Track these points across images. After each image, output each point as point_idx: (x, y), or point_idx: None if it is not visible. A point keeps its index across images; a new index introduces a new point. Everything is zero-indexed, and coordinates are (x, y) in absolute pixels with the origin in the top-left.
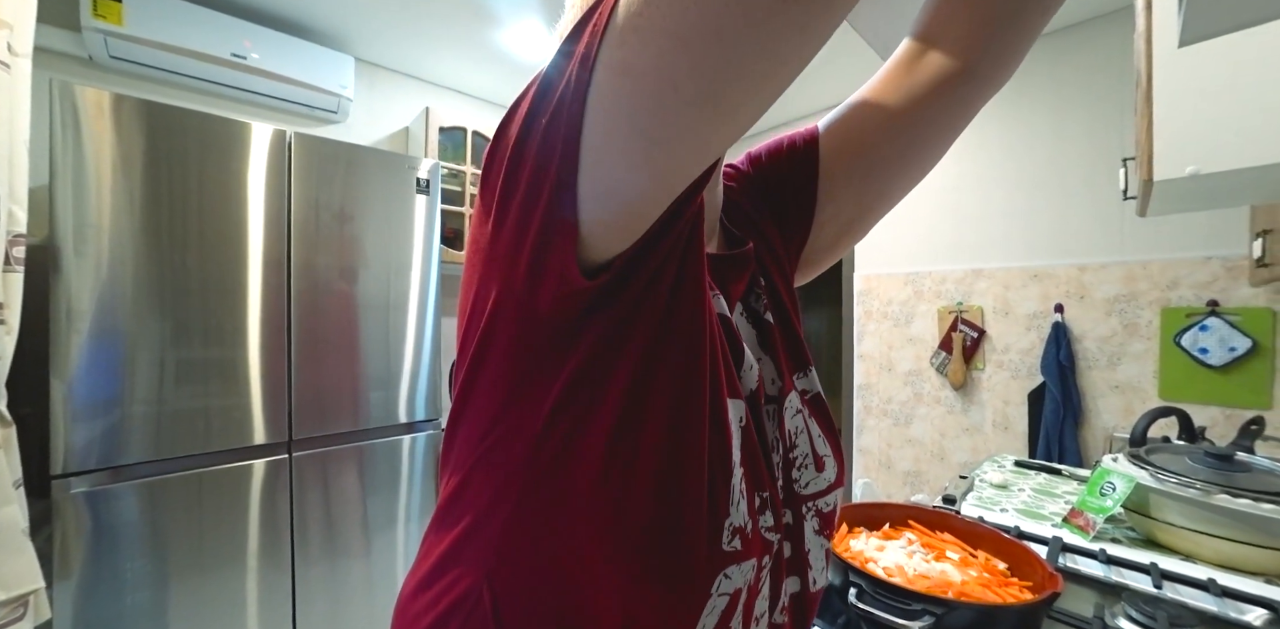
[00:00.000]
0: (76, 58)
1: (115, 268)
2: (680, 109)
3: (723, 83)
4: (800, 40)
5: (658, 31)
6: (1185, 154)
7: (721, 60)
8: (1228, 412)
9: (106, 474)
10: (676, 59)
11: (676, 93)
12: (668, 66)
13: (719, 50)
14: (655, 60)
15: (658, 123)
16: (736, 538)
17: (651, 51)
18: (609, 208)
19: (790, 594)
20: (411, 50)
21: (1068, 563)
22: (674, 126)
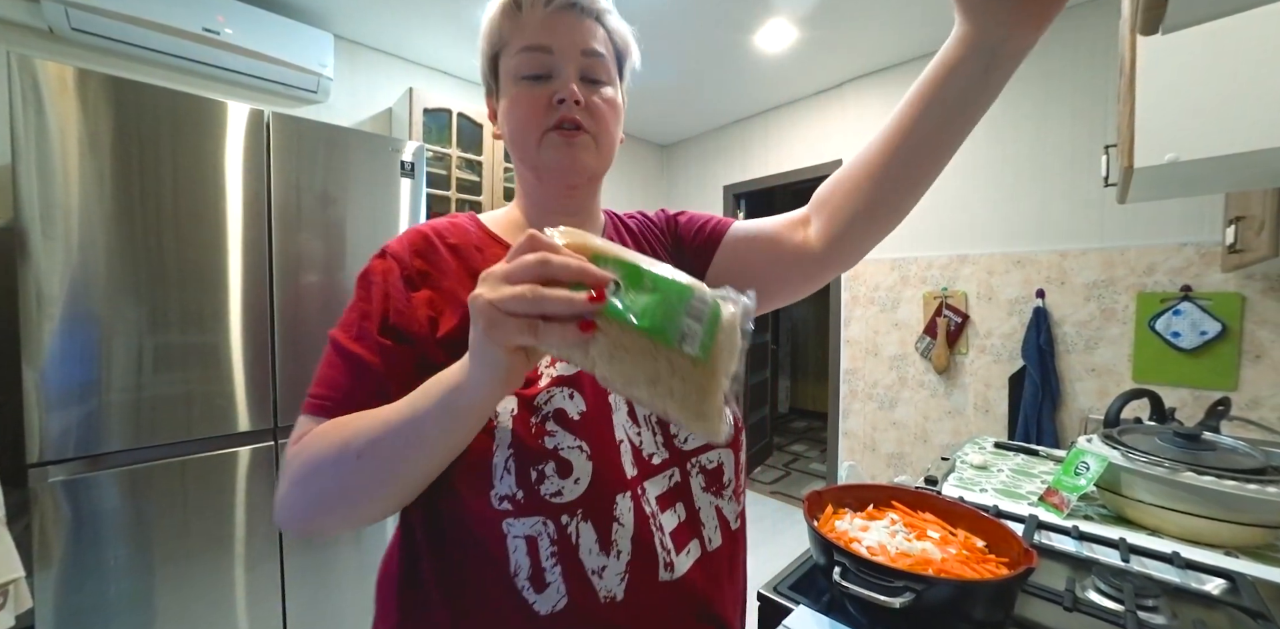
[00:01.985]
0: (35, 29)
1: (86, 251)
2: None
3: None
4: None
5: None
6: (1165, 141)
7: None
8: (1196, 393)
9: (85, 462)
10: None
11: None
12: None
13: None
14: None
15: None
16: (505, 502)
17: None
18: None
19: (694, 557)
20: (394, 28)
21: (1043, 540)
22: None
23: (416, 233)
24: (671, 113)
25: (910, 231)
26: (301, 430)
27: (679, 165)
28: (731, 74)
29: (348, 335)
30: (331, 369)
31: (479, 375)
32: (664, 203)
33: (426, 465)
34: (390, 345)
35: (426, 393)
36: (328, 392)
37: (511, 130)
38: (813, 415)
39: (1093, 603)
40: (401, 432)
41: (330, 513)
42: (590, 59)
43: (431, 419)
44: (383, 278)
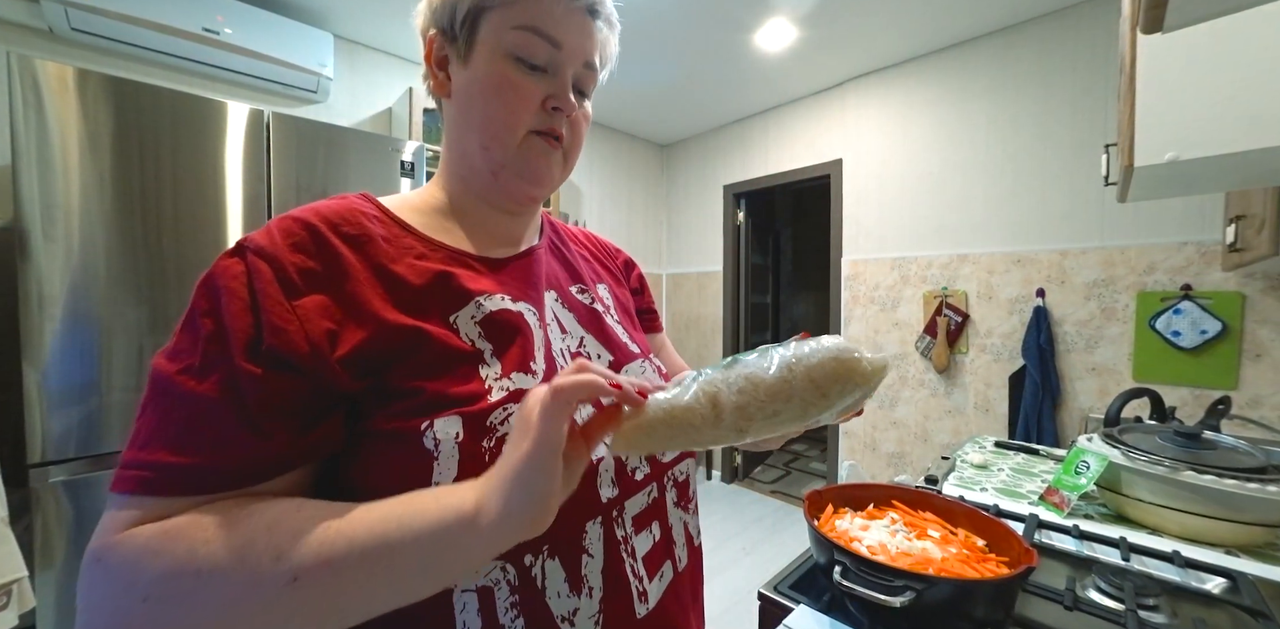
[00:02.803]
0: (35, 29)
1: (87, 252)
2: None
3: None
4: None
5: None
6: (1165, 140)
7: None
8: (1197, 392)
9: (86, 462)
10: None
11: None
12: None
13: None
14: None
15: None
16: None
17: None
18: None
19: (666, 581)
20: (394, 28)
21: (1043, 539)
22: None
23: (294, 221)
24: (671, 112)
25: (910, 231)
26: (123, 520)
27: (679, 165)
28: (731, 74)
29: (183, 367)
30: (169, 420)
31: (515, 506)
32: (664, 202)
33: (394, 606)
34: (261, 375)
35: (409, 520)
36: (179, 457)
37: (487, 115)
38: None
39: (1093, 602)
40: (371, 561)
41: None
42: (587, 71)
43: (415, 552)
44: (244, 283)
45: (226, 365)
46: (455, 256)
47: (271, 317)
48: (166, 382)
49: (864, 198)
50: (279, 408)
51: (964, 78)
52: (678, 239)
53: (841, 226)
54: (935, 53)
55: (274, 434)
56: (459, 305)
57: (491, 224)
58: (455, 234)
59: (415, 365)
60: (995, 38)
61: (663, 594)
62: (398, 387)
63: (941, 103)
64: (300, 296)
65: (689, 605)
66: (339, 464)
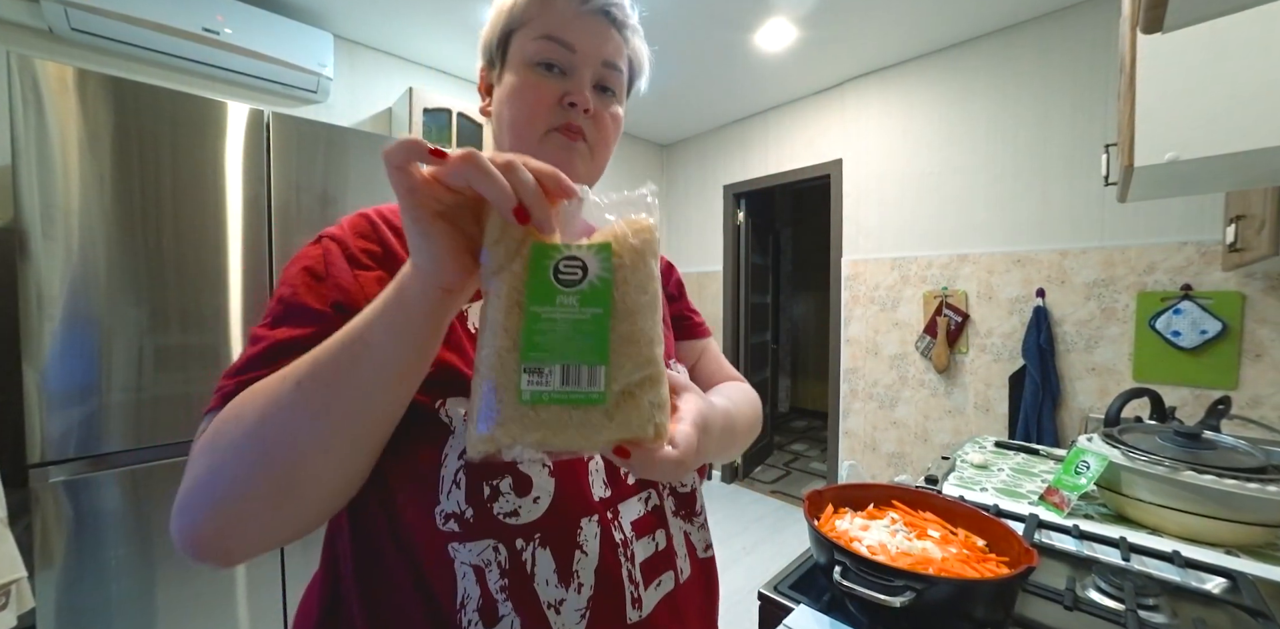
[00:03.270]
0: (35, 29)
1: (86, 252)
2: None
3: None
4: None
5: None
6: (1166, 140)
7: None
8: (1197, 392)
9: (86, 463)
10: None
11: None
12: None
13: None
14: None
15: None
16: (451, 521)
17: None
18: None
19: (664, 591)
20: (394, 28)
21: (1043, 539)
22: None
23: (358, 216)
24: (671, 113)
25: (910, 231)
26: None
27: (679, 165)
28: (731, 74)
29: (263, 323)
30: (244, 356)
31: (416, 249)
32: (664, 202)
33: (382, 391)
34: (330, 315)
35: (368, 306)
36: (250, 375)
37: (513, 116)
38: (813, 415)
39: (1093, 602)
40: (347, 346)
41: (266, 485)
42: (608, 70)
43: (384, 321)
44: (319, 260)
45: (294, 313)
46: None
47: (340, 280)
48: (251, 334)
49: (864, 198)
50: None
51: (964, 78)
52: (678, 239)
53: (841, 226)
54: (935, 53)
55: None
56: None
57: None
58: None
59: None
60: (995, 38)
61: (658, 603)
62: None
63: (941, 103)
64: (363, 269)
65: (691, 620)
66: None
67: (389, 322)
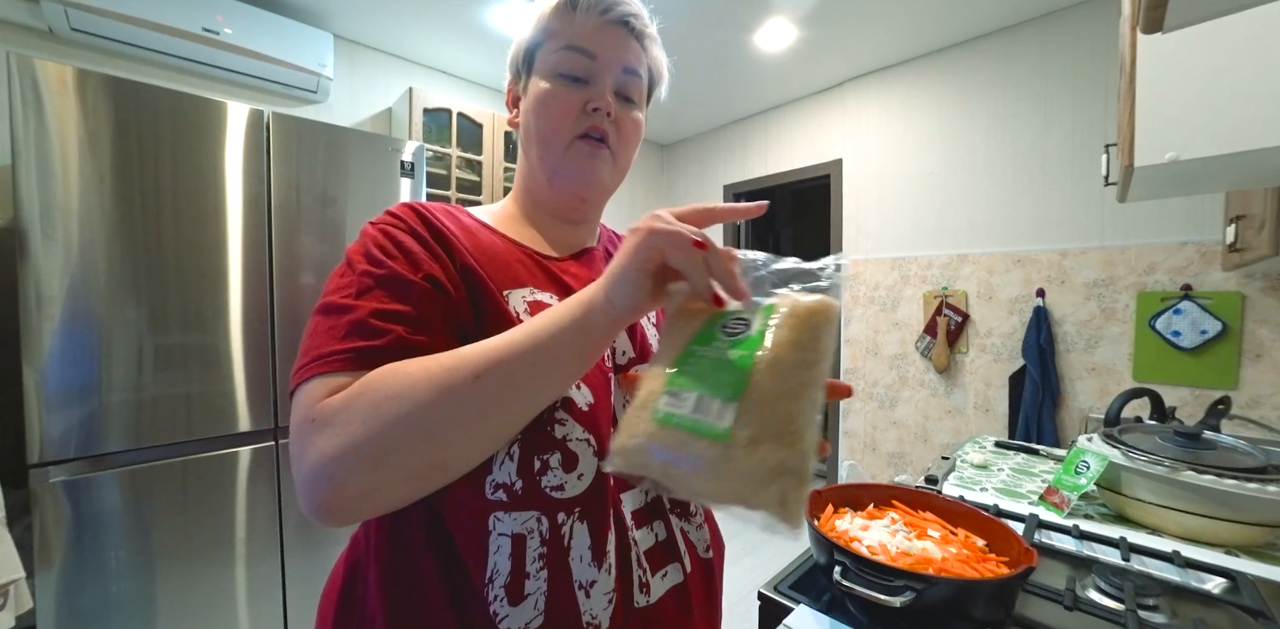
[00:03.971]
0: (35, 30)
1: (86, 252)
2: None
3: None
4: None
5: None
6: (1165, 140)
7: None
8: (1197, 392)
9: (86, 463)
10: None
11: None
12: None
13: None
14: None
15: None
16: (500, 491)
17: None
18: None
19: (671, 582)
20: (393, 28)
21: (1043, 539)
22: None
23: (406, 206)
24: (671, 112)
25: (910, 231)
26: (325, 390)
27: (679, 165)
28: (731, 74)
29: (344, 294)
30: (336, 325)
31: (620, 291)
32: (664, 203)
33: (554, 392)
34: (429, 289)
35: (548, 318)
36: (366, 342)
37: (540, 126)
38: None
39: (1093, 602)
40: (530, 355)
41: (426, 461)
42: (629, 77)
43: (566, 338)
44: (385, 237)
45: (388, 285)
46: (518, 247)
47: (422, 257)
48: (327, 305)
49: (864, 198)
50: (431, 314)
51: (964, 78)
52: None
53: (841, 226)
54: (935, 53)
55: (430, 334)
56: (515, 285)
57: (553, 231)
58: (524, 235)
59: (488, 330)
60: (995, 38)
61: (665, 593)
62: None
63: (941, 103)
64: (432, 249)
65: (694, 614)
66: None
67: (572, 341)
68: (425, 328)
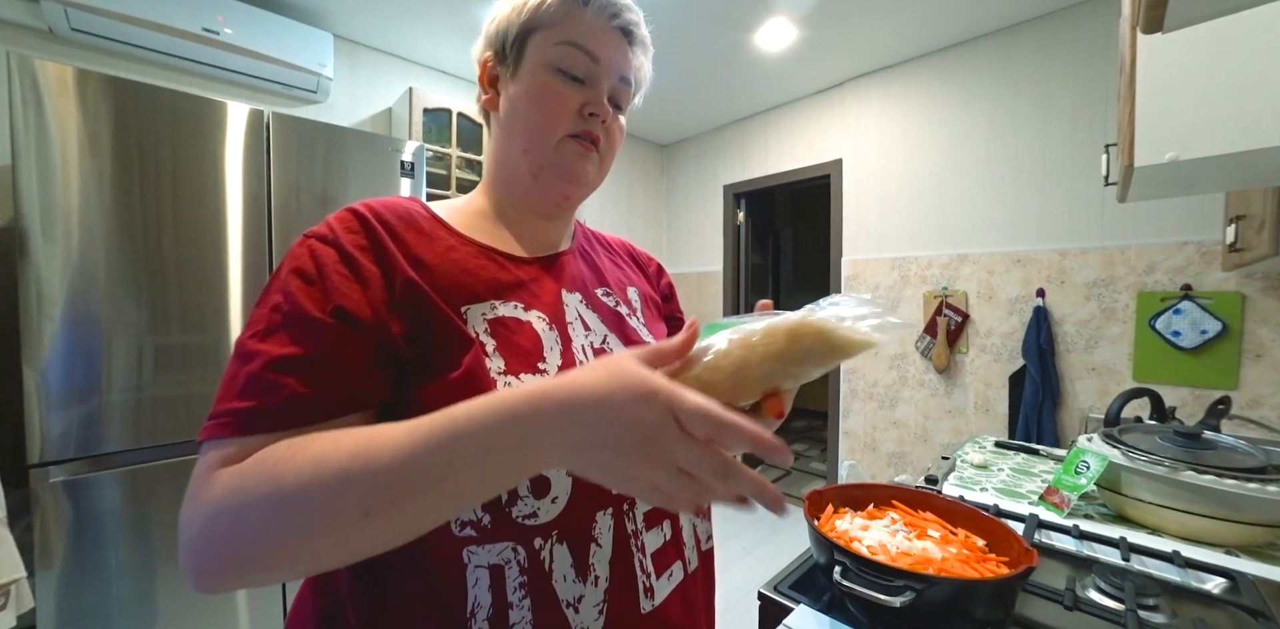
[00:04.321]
0: (35, 30)
1: (86, 252)
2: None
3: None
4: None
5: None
6: (1165, 140)
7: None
8: (1197, 392)
9: (86, 463)
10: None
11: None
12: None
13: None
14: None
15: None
16: (468, 528)
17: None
18: None
19: (675, 582)
20: (393, 28)
21: (1043, 539)
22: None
23: (345, 211)
24: (671, 112)
25: (910, 231)
26: (217, 460)
27: (679, 165)
28: (731, 74)
29: (252, 333)
30: (238, 375)
31: (582, 462)
32: (664, 202)
33: (452, 514)
34: (334, 326)
35: (476, 450)
36: (244, 402)
37: (531, 120)
38: (813, 414)
39: (1093, 602)
40: (440, 485)
41: (302, 555)
42: (623, 85)
43: (492, 480)
44: (309, 261)
45: (291, 324)
46: (484, 252)
47: (338, 285)
48: (239, 346)
49: (864, 198)
50: (339, 357)
51: (964, 78)
52: (678, 239)
53: (841, 226)
54: (935, 53)
55: (325, 377)
56: (474, 300)
57: (528, 227)
58: (493, 234)
59: (442, 346)
60: (995, 38)
61: (670, 593)
62: (432, 365)
63: (941, 103)
64: (359, 269)
65: (699, 610)
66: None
67: (500, 483)
68: (325, 374)
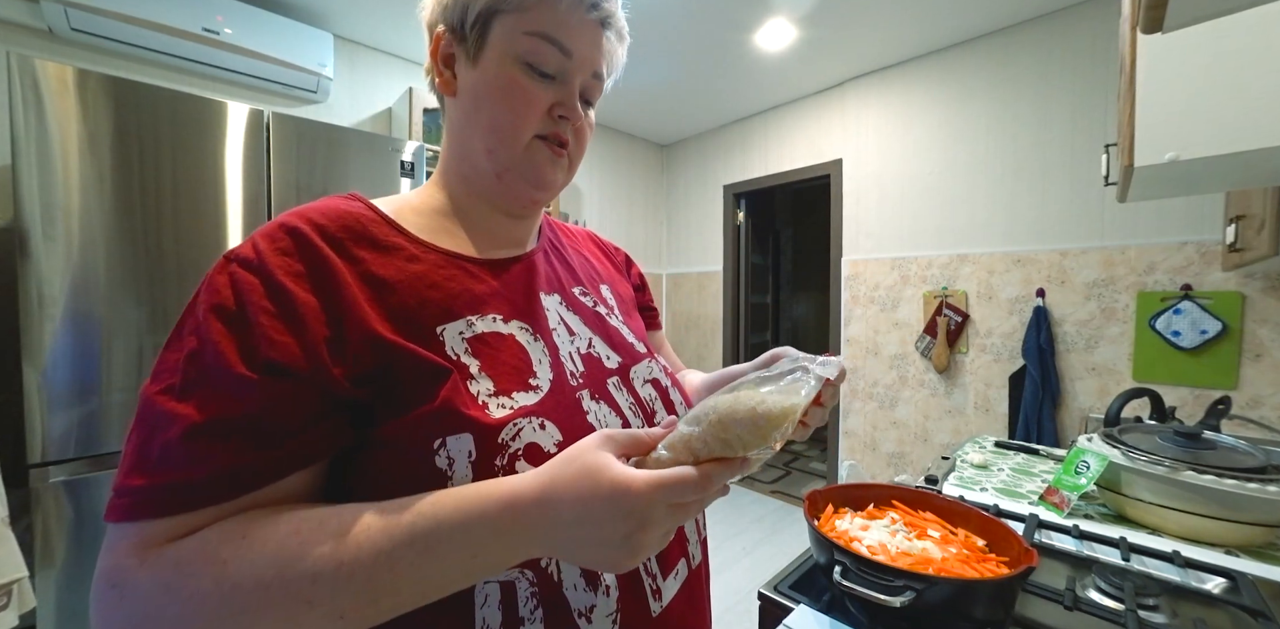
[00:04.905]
0: (35, 30)
1: (87, 252)
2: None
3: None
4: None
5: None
6: (1165, 140)
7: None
8: (1197, 392)
9: (86, 462)
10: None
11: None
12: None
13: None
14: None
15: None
16: None
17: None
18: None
19: (681, 579)
20: (394, 28)
21: (1043, 539)
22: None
23: (278, 227)
24: (671, 112)
25: (910, 231)
26: (136, 540)
27: (679, 165)
28: (731, 74)
29: (164, 387)
30: (151, 442)
31: (582, 556)
32: (664, 202)
33: (423, 603)
34: (265, 382)
35: (456, 538)
36: (176, 476)
37: (496, 118)
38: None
39: (1093, 602)
40: (416, 581)
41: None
42: (595, 81)
43: (468, 574)
44: (232, 291)
45: (212, 380)
46: (450, 260)
47: (266, 330)
48: (147, 403)
49: (864, 198)
50: (274, 415)
51: (964, 78)
52: (678, 239)
53: (841, 226)
54: (935, 53)
55: (266, 442)
56: (449, 318)
57: (493, 225)
58: (456, 235)
59: (411, 381)
60: (995, 38)
61: (677, 592)
62: (399, 400)
63: (941, 103)
64: (293, 304)
65: (701, 603)
66: (343, 472)
67: (475, 569)
68: (258, 438)
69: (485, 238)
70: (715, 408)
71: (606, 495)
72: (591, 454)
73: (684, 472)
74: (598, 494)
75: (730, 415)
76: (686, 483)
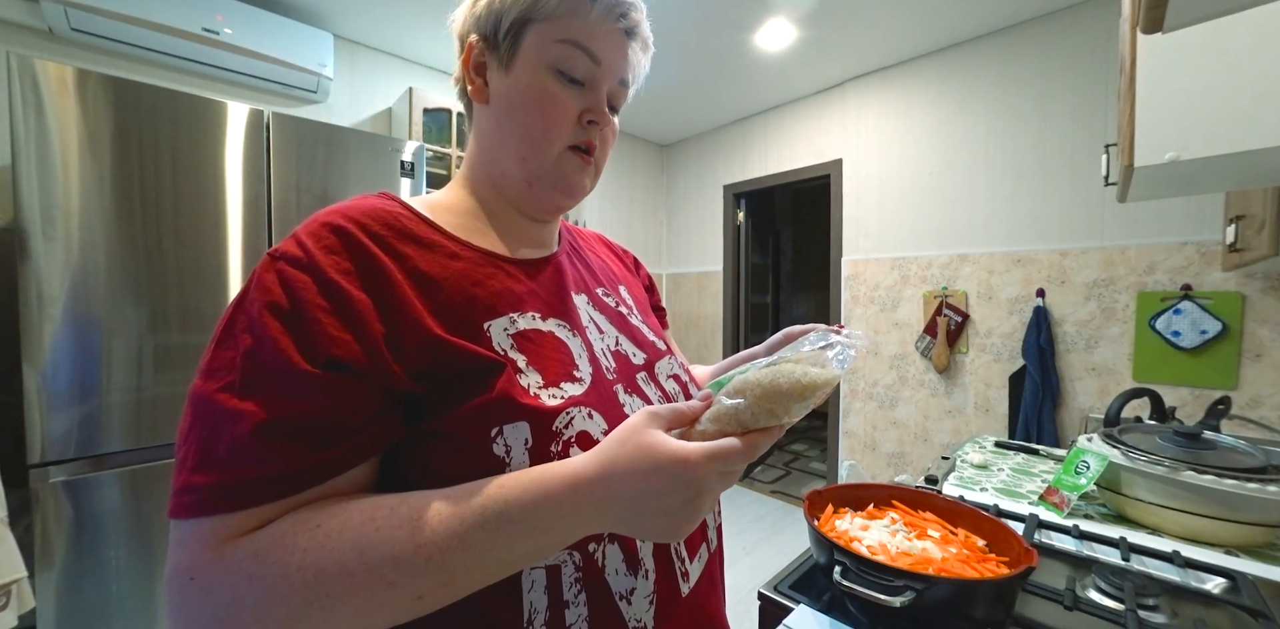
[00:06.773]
0: (35, 30)
1: (86, 252)
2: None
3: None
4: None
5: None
6: (1165, 140)
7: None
8: (1197, 392)
9: (86, 463)
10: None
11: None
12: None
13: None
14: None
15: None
16: None
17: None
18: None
19: (703, 563)
20: (393, 27)
21: (1043, 539)
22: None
23: (321, 226)
24: (671, 112)
25: (910, 231)
26: (213, 534)
27: (679, 165)
28: (731, 74)
29: (223, 385)
30: (216, 439)
31: (641, 527)
32: (664, 202)
33: (492, 582)
34: (329, 378)
35: (525, 516)
36: (249, 472)
37: (529, 126)
38: (813, 414)
39: (1093, 602)
40: (487, 561)
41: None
42: (620, 88)
43: (534, 552)
44: (282, 293)
45: (274, 377)
46: (488, 258)
47: (324, 327)
48: (205, 401)
49: (864, 198)
50: (338, 412)
51: (964, 78)
52: (678, 239)
53: (841, 226)
54: (935, 53)
55: (326, 438)
56: (493, 315)
57: (520, 228)
58: (488, 235)
59: (465, 375)
60: (995, 38)
61: (700, 574)
62: (454, 393)
63: (941, 103)
64: (348, 301)
65: (718, 585)
66: (395, 462)
67: (541, 546)
68: (325, 435)
69: (513, 240)
70: (759, 382)
71: (667, 469)
72: (643, 433)
73: (732, 442)
74: (659, 469)
75: (774, 388)
76: (736, 452)
